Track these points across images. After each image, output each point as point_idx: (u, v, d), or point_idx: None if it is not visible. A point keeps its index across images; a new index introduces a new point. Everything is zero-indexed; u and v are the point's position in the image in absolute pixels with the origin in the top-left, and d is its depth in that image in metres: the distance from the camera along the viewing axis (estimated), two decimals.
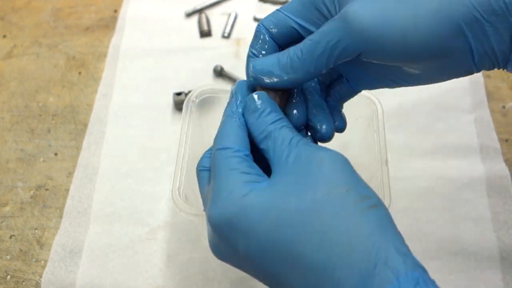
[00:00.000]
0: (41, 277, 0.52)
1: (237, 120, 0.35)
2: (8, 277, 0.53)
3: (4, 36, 0.74)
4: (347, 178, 0.30)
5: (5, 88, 0.68)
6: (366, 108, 0.49)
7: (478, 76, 0.67)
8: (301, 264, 0.29)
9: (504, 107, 0.65)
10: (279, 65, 0.35)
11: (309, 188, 0.30)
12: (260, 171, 0.33)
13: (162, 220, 0.56)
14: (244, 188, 0.31)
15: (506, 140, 0.62)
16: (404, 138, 0.62)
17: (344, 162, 0.31)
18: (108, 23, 0.75)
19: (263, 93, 0.36)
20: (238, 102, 0.37)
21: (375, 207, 0.29)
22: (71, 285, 0.52)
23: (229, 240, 0.32)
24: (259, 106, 0.35)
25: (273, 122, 0.34)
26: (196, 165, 0.38)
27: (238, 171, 0.32)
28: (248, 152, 0.34)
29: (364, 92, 0.49)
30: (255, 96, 0.35)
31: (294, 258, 0.29)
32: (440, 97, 0.65)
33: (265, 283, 0.32)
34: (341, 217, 0.29)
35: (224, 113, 0.37)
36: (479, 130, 0.62)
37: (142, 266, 0.53)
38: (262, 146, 0.34)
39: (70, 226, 0.56)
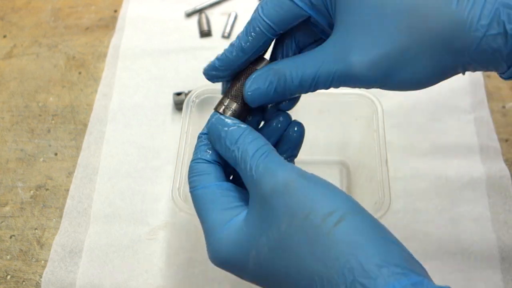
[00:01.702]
0: (41, 277, 0.52)
1: (203, 158, 0.37)
2: (8, 277, 0.53)
3: (4, 36, 0.74)
4: (304, 201, 0.30)
5: (5, 88, 0.68)
6: (366, 108, 0.49)
7: (478, 76, 0.67)
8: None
9: (504, 107, 0.65)
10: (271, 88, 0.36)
11: (272, 224, 0.31)
12: (236, 199, 0.35)
13: (162, 220, 0.56)
14: (224, 229, 0.33)
15: (506, 140, 0.62)
16: (404, 138, 0.62)
17: (298, 185, 0.31)
18: (108, 23, 0.75)
19: (222, 117, 0.37)
20: (202, 141, 0.38)
21: (341, 220, 0.29)
22: (71, 285, 0.52)
23: (231, 272, 0.35)
24: (222, 130, 0.36)
25: (233, 144, 0.35)
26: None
27: (217, 209, 0.34)
28: (221, 182, 0.36)
29: (364, 92, 0.49)
30: (215, 120, 0.37)
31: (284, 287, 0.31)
32: (440, 97, 0.65)
33: None
34: (307, 247, 0.29)
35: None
36: (479, 130, 0.62)
37: (142, 266, 0.53)
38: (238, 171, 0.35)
39: (70, 226, 0.56)
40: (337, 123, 0.58)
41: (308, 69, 0.34)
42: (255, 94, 0.36)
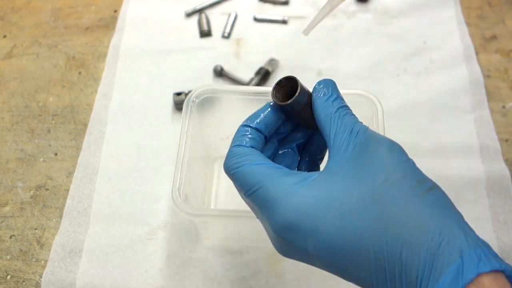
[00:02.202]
0: (41, 277, 0.52)
1: (246, 145, 0.36)
2: (8, 277, 0.53)
3: (4, 36, 0.74)
4: (403, 164, 0.31)
5: (5, 88, 0.68)
6: (366, 108, 0.49)
7: (478, 76, 0.67)
8: (370, 250, 0.29)
9: (504, 107, 0.65)
10: None
11: (367, 177, 0.31)
12: (302, 172, 0.34)
13: (162, 220, 0.56)
14: (297, 188, 0.31)
15: (506, 140, 0.62)
16: (404, 138, 0.61)
17: (399, 150, 0.32)
18: (108, 23, 0.75)
19: (330, 80, 0.37)
20: (245, 131, 0.37)
21: (432, 189, 0.30)
22: (71, 285, 0.52)
23: (297, 243, 0.31)
24: (327, 91, 0.36)
25: (338, 109, 0.35)
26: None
27: (281, 176, 0.33)
28: (272, 163, 0.34)
29: (364, 92, 0.49)
30: (323, 82, 0.36)
31: (362, 246, 0.29)
32: (440, 97, 0.65)
33: (333, 273, 0.32)
34: (402, 202, 0.29)
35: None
36: (479, 130, 0.62)
37: (142, 266, 0.53)
38: (325, 129, 0.34)
39: (70, 226, 0.56)
40: None
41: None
42: None
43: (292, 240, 0.31)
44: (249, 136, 0.36)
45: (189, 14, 0.76)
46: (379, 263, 0.29)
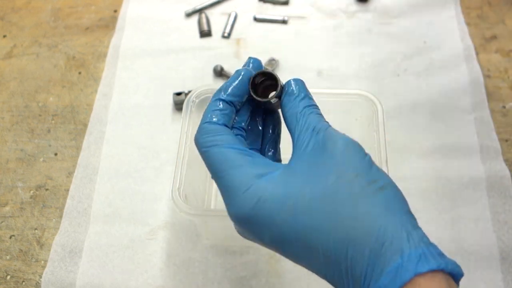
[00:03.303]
0: (41, 277, 0.52)
1: (218, 122, 0.36)
2: (8, 277, 0.53)
3: (4, 36, 0.74)
4: (356, 163, 0.32)
5: (5, 88, 0.68)
6: (366, 108, 0.49)
7: (478, 76, 0.67)
8: (318, 247, 0.30)
9: (504, 107, 0.65)
10: None
11: (321, 176, 0.31)
12: (268, 160, 0.35)
13: (162, 220, 0.56)
14: (258, 182, 0.32)
15: (506, 140, 0.62)
16: (404, 138, 0.62)
17: (355, 149, 0.33)
18: (108, 23, 0.75)
19: (299, 79, 0.37)
20: (216, 105, 0.37)
21: (383, 189, 0.31)
22: (71, 285, 0.52)
23: (252, 233, 0.33)
24: (295, 91, 0.36)
25: (304, 108, 0.36)
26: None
27: (246, 166, 0.33)
28: (243, 147, 0.35)
29: (364, 92, 0.49)
30: (292, 82, 0.37)
31: (312, 242, 0.31)
32: (440, 97, 0.65)
33: (290, 259, 0.33)
34: (350, 202, 0.30)
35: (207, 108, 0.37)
36: (479, 130, 0.62)
37: (142, 266, 0.53)
38: (290, 127, 0.35)
39: (70, 226, 0.56)
40: (337, 123, 0.57)
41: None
42: None
43: (248, 229, 0.33)
44: (222, 111, 0.36)
45: (189, 14, 0.76)
46: (327, 260, 0.30)
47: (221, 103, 0.36)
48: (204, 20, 0.74)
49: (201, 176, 0.57)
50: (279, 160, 0.40)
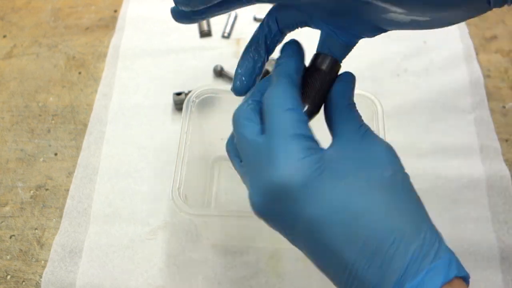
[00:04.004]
0: (41, 277, 0.52)
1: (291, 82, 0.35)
2: (8, 277, 0.53)
3: (4, 36, 0.74)
4: (396, 165, 0.34)
5: (5, 88, 0.68)
6: (366, 108, 0.49)
7: (478, 76, 0.67)
8: (364, 234, 0.29)
9: (504, 107, 0.65)
10: None
11: (365, 171, 0.32)
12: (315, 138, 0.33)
13: (162, 220, 0.56)
14: (305, 161, 0.30)
15: (506, 140, 0.62)
16: (404, 138, 0.62)
17: (394, 153, 0.35)
18: (108, 23, 0.75)
19: (353, 75, 0.38)
20: (293, 64, 0.36)
21: (411, 185, 0.33)
22: (71, 285, 0.52)
23: (291, 205, 0.30)
24: (352, 83, 0.37)
25: (352, 103, 0.36)
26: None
27: (303, 136, 0.31)
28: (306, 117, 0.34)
29: (364, 92, 0.49)
30: (351, 74, 0.38)
31: (358, 228, 0.29)
32: (440, 97, 0.65)
33: (306, 252, 0.32)
34: (400, 196, 0.32)
35: (275, 73, 0.36)
36: (479, 130, 0.62)
37: (142, 266, 0.53)
38: (333, 115, 0.35)
39: (70, 226, 0.56)
40: None
41: None
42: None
43: (286, 200, 0.30)
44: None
45: None
46: (364, 251, 0.29)
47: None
48: (204, 20, 0.74)
49: (201, 176, 0.57)
50: None
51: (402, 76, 0.68)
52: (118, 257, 0.54)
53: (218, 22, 0.75)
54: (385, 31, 0.36)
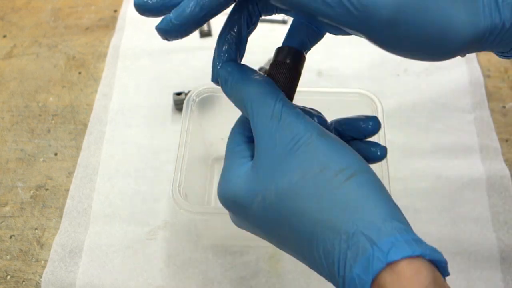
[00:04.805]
0: (41, 277, 0.52)
1: None
2: (8, 277, 0.53)
3: (4, 36, 0.74)
4: (321, 157, 0.31)
5: (5, 88, 0.68)
6: (366, 108, 0.49)
7: (478, 76, 0.67)
8: (291, 238, 0.31)
9: (504, 107, 0.65)
10: None
11: (285, 174, 0.31)
12: (247, 150, 0.35)
13: (162, 220, 0.56)
14: (236, 170, 0.34)
15: (506, 140, 0.62)
16: (404, 138, 0.62)
17: (317, 141, 0.32)
18: (108, 23, 0.75)
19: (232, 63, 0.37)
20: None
21: (352, 176, 0.30)
22: (71, 285, 0.52)
23: (235, 213, 0.35)
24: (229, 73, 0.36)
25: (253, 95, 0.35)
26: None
27: (236, 153, 0.35)
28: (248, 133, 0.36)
29: (364, 92, 0.49)
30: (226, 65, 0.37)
31: (281, 238, 0.32)
32: (440, 97, 0.65)
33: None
34: (316, 199, 0.30)
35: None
36: (479, 130, 0.62)
37: (142, 266, 0.53)
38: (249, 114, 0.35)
39: (70, 226, 0.56)
40: None
41: None
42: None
43: (232, 210, 0.35)
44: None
45: None
46: (300, 252, 0.31)
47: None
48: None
49: (201, 176, 0.57)
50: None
51: (402, 76, 0.68)
52: (118, 257, 0.53)
53: (218, 22, 0.74)
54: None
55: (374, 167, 0.46)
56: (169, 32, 0.36)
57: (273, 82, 0.35)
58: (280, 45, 0.41)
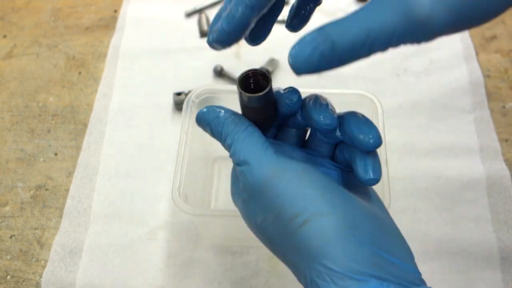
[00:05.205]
0: (41, 277, 0.52)
1: None
2: (8, 277, 0.53)
3: (4, 36, 0.74)
4: (276, 201, 0.31)
5: (5, 88, 0.68)
6: (366, 108, 0.49)
7: (478, 76, 0.67)
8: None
9: (504, 107, 0.65)
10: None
11: (253, 213, 0.33)
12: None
13: (162, 220, 0.56)
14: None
15: (506, 140, 0.62)
16: (404, 138, 0.62)
17: (273, 183, 0.31)
18: (108, 23, 0.75)
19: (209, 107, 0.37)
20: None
21: (306, 223, 0.30)
22: (71, 285, 0.52)
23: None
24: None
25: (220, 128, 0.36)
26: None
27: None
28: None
29: (364, 92, 0.49)
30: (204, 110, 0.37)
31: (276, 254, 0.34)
32: (440, 97, 0.65)
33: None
34: (280, 240, 0.31)
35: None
36: (479, 130, 0.62)
37: (142, 266, 0.53)
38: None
39: (70, 226, 0.56)
40: None
41: (360, 27, 0.27)
42: (299, 60, 0.29)
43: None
44: None
45: (189, 14, 0.76)
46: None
47: None
48: (204, 20, 0.74)
49: (201, 176, 0.57)
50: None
51: (402, 76, 0.68)
52: (118, 257, 0.54)
53: None
54: None
55: None
56: (223, 40, 0.35)
57: (258, 130, 0.35)
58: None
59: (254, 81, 0.35)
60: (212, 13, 0.76)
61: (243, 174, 0.33)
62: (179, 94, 0.64)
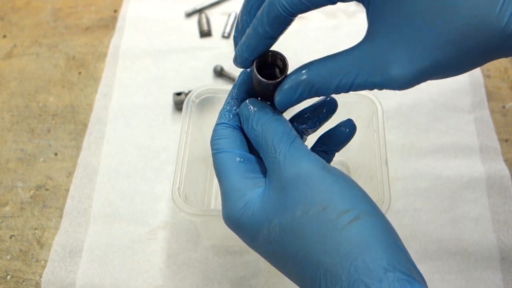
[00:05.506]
0: (41, 277, 0.52)
1: (228, 123, 0.36)
2: (8, 277, 0.53)
3: (4, 36, 0.74)
4: (324, 194, 0.30)
5: (5, 88, 0.68)
6: (366, 108, 0.49)
7: (478, 76, 0.67)
8: (294, 273, 0.31)
9: (504, 107, 0.65)
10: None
11: (287, 209, 0.31)
12: (257, 171, 0.34)
13: (162, 220, 0.56)
14: (241, 199, 0.33)
15: (506, 140, 0.62)
16: (404, 138, 0.62)
17: (320, 177, 0.31)
18: (108, 23, 0.75)
19: (254, 99, 0.36)
20: (228, 105, 0.37)
21: (356, 219, 0.29)
22: (71, 285, 0.52)
23: (241, 237, 0.34)
24: (251, 112, 0.35)
25: (261, 125, 0.34)
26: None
27: (237, 176, 0.34)
28: (244, 151, 0.35)
29: (364, 92, 0.49)
30: (248, 102, 0.36)
31: (288, 269, 0.32)
32: (440, 97, 0.65)
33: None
34: (319, 238, 0.29)
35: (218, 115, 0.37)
36: (479, 130, 0.62)
37: (142, 266, 0.53)
38: (259, 152, 0.35)
39: (70, 226, 0.56)
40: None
41: (343, 80, 0.32)
42: (285, 103, 0.35)
43: (237, 234, 0.34)
44: (233, 111, 0.37)
45: (189, 14, 0.76)
46: (304, 284, 0.30)
47: (233, 101, 0.37)
48: (204, 20, 0.74)
49: (201, 176, 0.57)
50: None
51: None
52: (118, 257, 0.54)
53: (218, 22, 0.75)
54: None
55: (375, 166, 0.46)
56: (247, 66, 0.40)
57: (286, 120, 0.35)
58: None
59: (272, 61, 0.38)
60: (212, 13, 0.76)
61: (281, 169, 0.32)
62: (179, 94, 0.64)
